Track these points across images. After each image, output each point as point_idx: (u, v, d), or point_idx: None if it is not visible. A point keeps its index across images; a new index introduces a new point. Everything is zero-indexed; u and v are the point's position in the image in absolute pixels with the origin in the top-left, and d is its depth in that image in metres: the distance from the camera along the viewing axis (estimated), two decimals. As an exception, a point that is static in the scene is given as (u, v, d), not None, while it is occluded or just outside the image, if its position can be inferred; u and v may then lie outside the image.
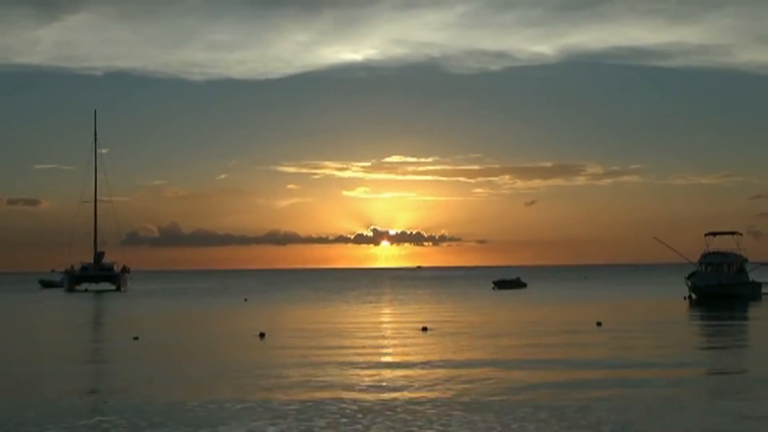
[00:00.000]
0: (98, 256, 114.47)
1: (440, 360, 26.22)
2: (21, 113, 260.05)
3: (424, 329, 38.72)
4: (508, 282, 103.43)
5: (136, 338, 35.73)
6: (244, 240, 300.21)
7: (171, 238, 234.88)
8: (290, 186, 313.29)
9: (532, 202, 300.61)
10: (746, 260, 67.08)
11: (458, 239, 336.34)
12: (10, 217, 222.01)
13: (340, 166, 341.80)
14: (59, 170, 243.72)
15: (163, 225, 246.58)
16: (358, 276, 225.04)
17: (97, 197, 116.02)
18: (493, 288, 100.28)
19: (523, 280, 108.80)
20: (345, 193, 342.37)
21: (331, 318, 49.50)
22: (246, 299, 78.36)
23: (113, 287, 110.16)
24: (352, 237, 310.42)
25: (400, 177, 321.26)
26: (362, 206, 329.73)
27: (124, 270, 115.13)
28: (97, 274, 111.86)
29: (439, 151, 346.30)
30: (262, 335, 36.54)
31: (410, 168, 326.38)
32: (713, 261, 65.60)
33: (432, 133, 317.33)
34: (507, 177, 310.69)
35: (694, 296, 65.12)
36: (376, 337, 35.25)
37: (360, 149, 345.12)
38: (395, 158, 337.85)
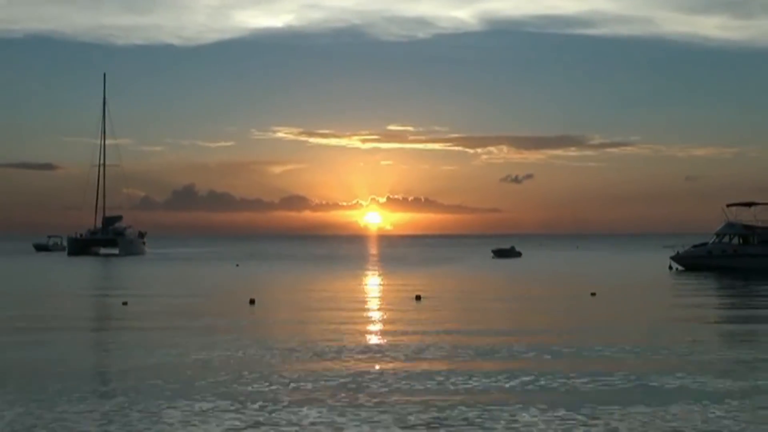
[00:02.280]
0: (108, 220, 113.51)
1: (429, 330, 25.19)
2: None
3: (418, 298, 38.02)
4: (506, 251, 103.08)
5: (125, 303, 35.13)
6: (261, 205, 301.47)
7: (185, 202, 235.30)
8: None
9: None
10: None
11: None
12: (26, 180, 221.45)
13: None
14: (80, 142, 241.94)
15: (178, 189, 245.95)
16: (357, 243, 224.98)
17: (107, 162, 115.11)
18: (493, 257, 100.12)
19: (517, 249, 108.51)
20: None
21: (325, 286, 49.03)
22: (237, 264, 78.10)
23: (116, 252, 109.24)
24: (350, 204, 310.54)
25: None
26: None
27: (140, 235, 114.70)
28: (104, 238, 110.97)
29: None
30: (252, 301, 35.84)
31: (407, 137, 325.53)
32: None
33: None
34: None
35: (680, 268, 64.93)
36: (366, 308, 34.45)
37: (356, 120, 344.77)
38: (392, 127, 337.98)
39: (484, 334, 23.87)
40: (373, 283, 52.34)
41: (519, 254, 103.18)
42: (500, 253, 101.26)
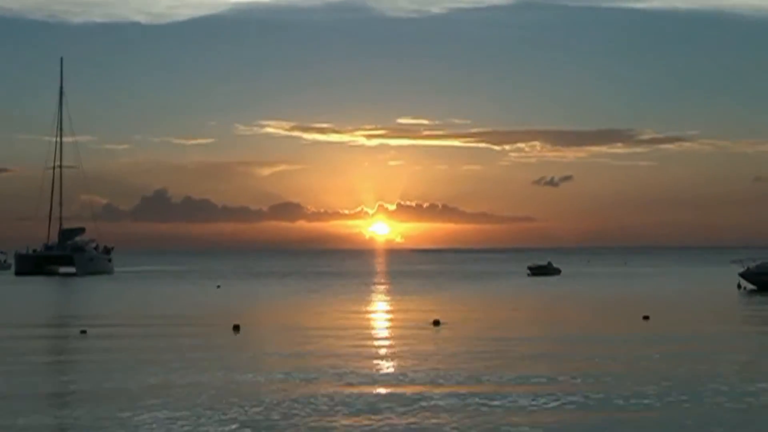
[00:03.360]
0: (66, 233, 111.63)
1: (446, 369, 24.39)
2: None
3: (437, 323, 37.83)
4: (542, 268, 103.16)
5: (83, 331, 34.93)
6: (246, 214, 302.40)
7: (156, 210, 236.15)
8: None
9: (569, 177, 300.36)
10: None
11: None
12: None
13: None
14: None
15: (148, 195, 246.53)
16: (362, 258, 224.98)
17: (64, 163, 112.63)
18: (529, 274, 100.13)
19: (555, 265, 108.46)
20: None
21: (323, 309, 48.99)
22: (218, 286, 78.03)
23: (73, 271, 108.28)
24: (353, 212, 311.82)
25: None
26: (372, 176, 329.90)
27: (106, 251, 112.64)
28: (59, 255, 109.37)
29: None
30: (236, 328, 35.71)
31: (421, 132, 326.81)
32: None
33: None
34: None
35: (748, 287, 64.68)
36: (372, 337, 34.29)
37: (359, 113, 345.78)
38: (403, 120, 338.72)
39: (515, 377, 21.87)
40: (380, 307, 52.19)
41: (557, 271, 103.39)
42: (537, 271, 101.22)
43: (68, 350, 29.99)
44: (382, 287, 76.91)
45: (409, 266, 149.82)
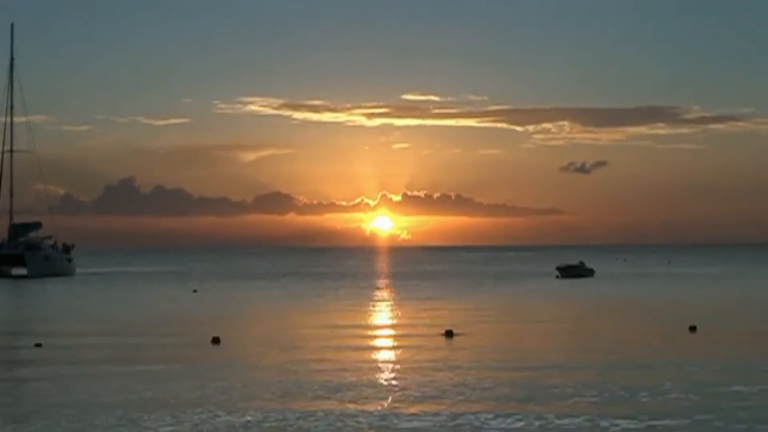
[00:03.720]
0: (18, 228, 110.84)
1: (459, 394, 23.83)
2: None
3: (449, 334, 37.85)
4: (573, 268, 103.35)
5: (38, 345, 34.90)
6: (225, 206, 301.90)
7: (123, 202, 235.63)
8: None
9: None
10: None
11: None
12: None
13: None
14: None
15: (113, 184, 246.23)
16: (361, 257, 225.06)
17: (14, 147, 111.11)
18: (558, 276, 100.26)
19: (587, 265, 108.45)
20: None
21: (317, 317, 49.13)
22: (195, 290, 78.18)
23: (26, 273, 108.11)
24: (352, 204, 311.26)
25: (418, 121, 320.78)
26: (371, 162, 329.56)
27: (66, 249, 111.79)
28: (10, 254, 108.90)
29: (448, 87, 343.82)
30: (215, 340, 35.73)
31: (430, 111, 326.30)
32: None
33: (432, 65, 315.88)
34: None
35: None
36: (375, 349, 34.36)
37: (358, 88, 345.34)
38: (409, 96, 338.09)
39: (544, 411, 20.38)
40: (383, 314, 52.27)
41: (590, 273, 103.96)
42: (567, 272, 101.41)
43: (20, 367, 29.89)
44: (385, 292, 76.96)
45: (416, 267, 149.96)
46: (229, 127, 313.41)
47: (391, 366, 28.89)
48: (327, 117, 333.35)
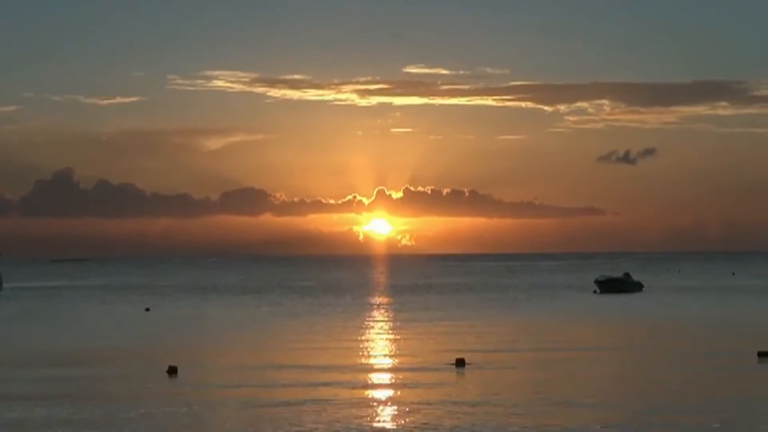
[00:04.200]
0: None
1: None
2: None
3: (460, 364, 37.96)
4: (616, 282, 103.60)
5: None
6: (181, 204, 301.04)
7: (57, 200, 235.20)
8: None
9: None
10: None
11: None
12: None
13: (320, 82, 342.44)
14: None
15: (45, 178, 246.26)
16: (352, 268, 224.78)
17: None
18: (596, 291, 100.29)
19: (634, 277, 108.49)
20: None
21: (297, 342, 49.24)
22: (148, 309, 78.29)
23: None
24: (341, 202, 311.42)
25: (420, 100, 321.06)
26: (363, 150, 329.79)
27: None
28: None
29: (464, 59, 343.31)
30: (172, 370, 35.92)
31: (437, 87, 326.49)
32: None
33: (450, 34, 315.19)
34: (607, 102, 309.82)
35: None
36: (367, 384, 34.28)
37: (349, 59, 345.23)
38: (412, 69, 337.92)
39: None
40: (380, 339, 52.35)
41: (637, 287, 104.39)
42: (608, 286, 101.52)
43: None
44: (381, 311, 77.06)
45: (421, 280, 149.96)
46: (189, 108, 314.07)
47: (384, 409, 28.58)
48: (310, 95, 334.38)
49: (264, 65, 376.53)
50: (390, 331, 56.85)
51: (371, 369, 38.72)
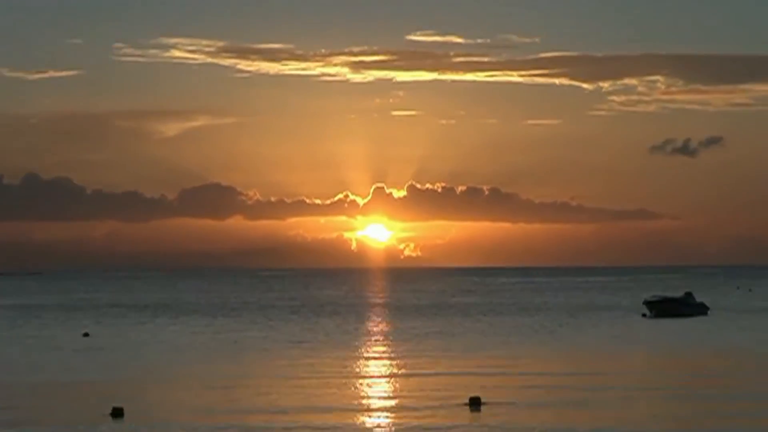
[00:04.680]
0: None
1: None
2: None
3: (475, 403, 38.05)
4: (673, 303, 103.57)
5: None
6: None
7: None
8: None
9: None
10: None
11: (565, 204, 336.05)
12: None
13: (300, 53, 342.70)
14: None
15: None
16: (342, 283, 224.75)
17: None
18: (646, 314, 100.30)
19: (697, 298, 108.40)
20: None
21: (273, 379, 49.58)
22: (86, 334, 78.27)
23: None
24: (329, 202, 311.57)
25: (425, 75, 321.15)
26: (352, 138, 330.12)
27: None
28: None
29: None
30: (117, 412, 35.94)
31: (450, 59, 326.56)
32: None
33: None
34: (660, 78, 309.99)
35: None
36: (355, 428, 34.33)
37: (340, 24, 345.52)
38: (419, 37, 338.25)
39: None
40: (378, 373, 52.57)
41: (702, 309, 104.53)
42: (663, 308, 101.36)
43: None
44: (380, 339, 77.40)
45: (427, 299, 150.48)
46: (139, 85, 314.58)
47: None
48: (291, 68, 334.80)
49: (233, 31, 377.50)
50: (391, 365, 57.23)
51: (365, 408, 38.81)
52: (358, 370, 54.20)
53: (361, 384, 47.81)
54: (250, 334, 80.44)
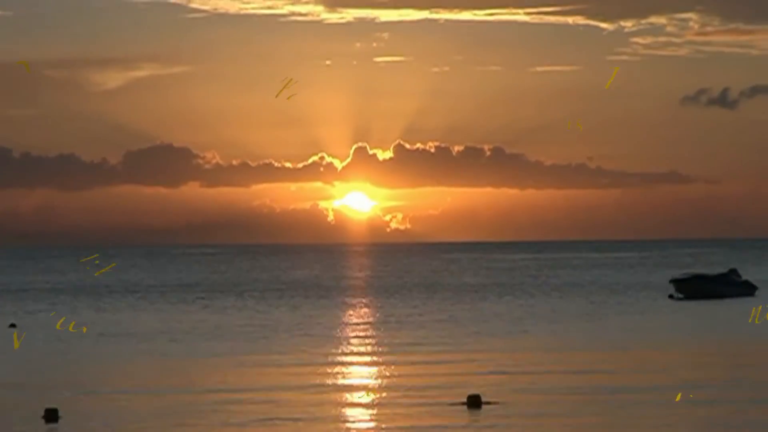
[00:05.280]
0: None
1: None
2: None
3: (474, 402, 38.36)
4: (706, 280, 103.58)
5: None
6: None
7: None
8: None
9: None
10: None
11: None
12: None
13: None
14: None
15: None
16: (318, 261, 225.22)
17: None
18: (673, 295, 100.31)
19: (742, 275, 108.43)
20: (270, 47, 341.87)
21: (237, 373, 50.26)
22: (13, 325, 78.45)
23: None
24: (302, 166, 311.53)
25: (414, 14, 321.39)
26: (321, 87, 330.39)
27: None
28: None
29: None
30: (51, 415, 36.17)
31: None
32: None
33: None
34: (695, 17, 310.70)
35: None
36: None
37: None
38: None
39: None
40: (362, 366, 53.28)
41: (746, 289, 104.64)
42: (694, 288, 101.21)
43: None
44: (362, 327, 78.01)
45: (418, 279, 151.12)
46: (73, 27, 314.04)
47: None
48: (254, 6, 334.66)
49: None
50: (373, 354, 58.02)
51: (347, 410, 39.12)
52: (324, 362, 54.68)
53: (330, 379, 48.23)
54: (209, 317, 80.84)
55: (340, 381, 48.68)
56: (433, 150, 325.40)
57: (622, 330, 72.53)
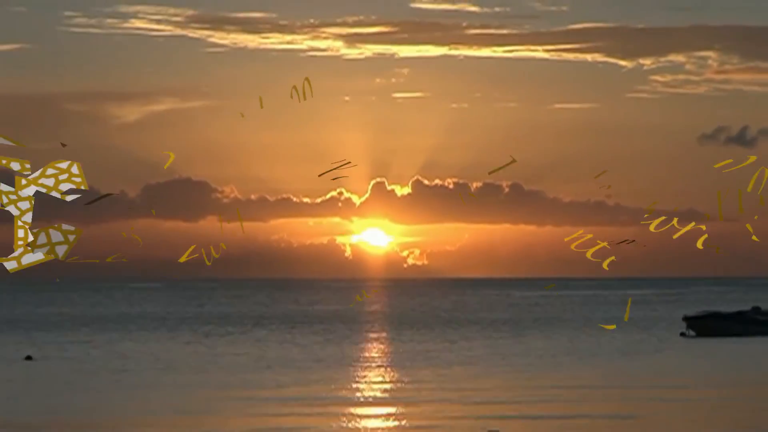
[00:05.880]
0: None
1: None
2: None
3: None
4: (717, 318, 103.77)
5: None
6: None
7: None
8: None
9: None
10: None
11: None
12: None
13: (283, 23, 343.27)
14: None
15: None
16: (335, 296, 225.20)
17: None
18: (685, 333, 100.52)
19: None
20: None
21: (268, 403, 50.52)
22: (30, 357, 78.54)
23: None
24: (320, 201, 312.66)
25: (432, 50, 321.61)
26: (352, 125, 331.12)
27: None
28: None
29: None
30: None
31: (462, 31, 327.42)
32: None
33: None
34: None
35: None
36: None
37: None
38: (425, 5, 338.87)
39: None
40: (377, 393, 53.46)
41: (766, 328, 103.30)
42: (706, 326, 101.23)
43: None
44: (379, 362, 78.68)
45: (436, 314, 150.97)
46: (93, 61, 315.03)
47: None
48: (273, 41, 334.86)
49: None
50: (394, 394, 58.05)
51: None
52: (354, 401, 54.83)
53: (355, 411, 48.87)
54: (231, 351, 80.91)
55: (355, 410, 49.15)
56: (451, 186, 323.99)
57: (655, 364, 72.95)
